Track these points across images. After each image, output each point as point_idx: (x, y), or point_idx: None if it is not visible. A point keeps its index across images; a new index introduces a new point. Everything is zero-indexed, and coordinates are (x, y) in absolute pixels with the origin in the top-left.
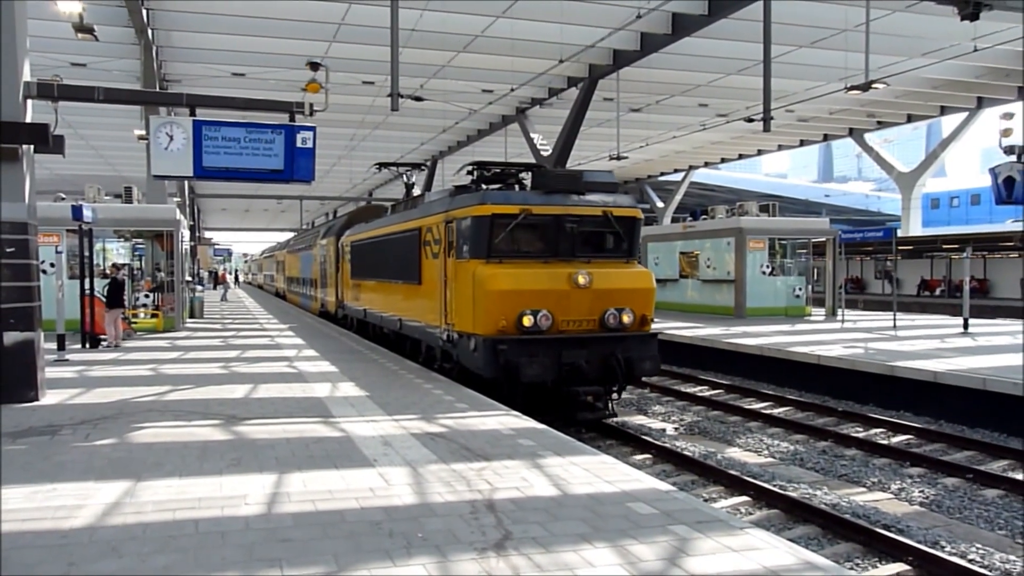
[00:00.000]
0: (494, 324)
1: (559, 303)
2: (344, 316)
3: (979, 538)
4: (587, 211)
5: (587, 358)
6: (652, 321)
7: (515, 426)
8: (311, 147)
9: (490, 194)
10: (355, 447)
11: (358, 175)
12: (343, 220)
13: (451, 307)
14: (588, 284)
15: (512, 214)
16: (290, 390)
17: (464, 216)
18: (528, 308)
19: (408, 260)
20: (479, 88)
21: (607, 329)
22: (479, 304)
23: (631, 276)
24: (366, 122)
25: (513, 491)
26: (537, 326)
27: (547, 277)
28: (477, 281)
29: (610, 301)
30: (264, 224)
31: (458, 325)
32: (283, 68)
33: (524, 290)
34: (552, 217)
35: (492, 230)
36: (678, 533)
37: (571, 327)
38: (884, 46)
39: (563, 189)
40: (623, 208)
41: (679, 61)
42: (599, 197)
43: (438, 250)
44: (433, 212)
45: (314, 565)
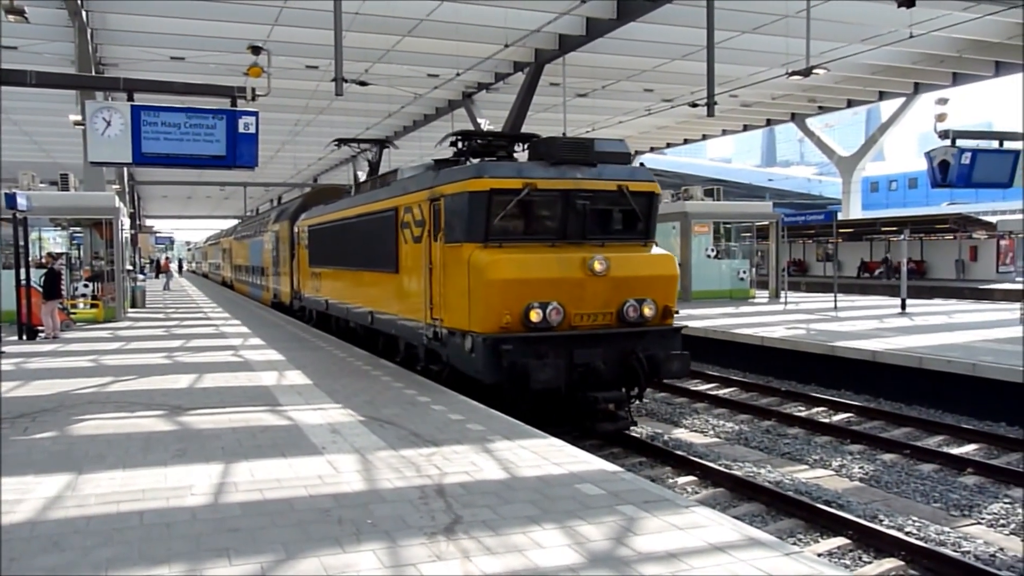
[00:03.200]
0: (495, 320)
1: (572, 294)
2: (301, 308)
3: (915, 511)
4: (600, 185)
5: (603, 357)
6: (676, 313)
7: (465, 412)
8: (254, 132)
9: (487, 166)
10: (303, 435)
11: (303, 161)
12: (297, 203)
13: (439, 300)
14: (605, 271)
15: (514, 189)
16: (236, 379)
17: (455, 192)
18: (536, 300)
19: (381, 245)
20: (424, 73)
21: (625, 323)
22: (477, 296)
23: (652, 261)
24: (310, 107)
25: (463, 475)
26: (546, 321)
27: (557, 263)
28: (474, 269)
29: (629, 291)
30: (207, 211)
31: (448, 321)
32: (224, 52)
33: (531, 279)
34: (560, 193)
35: (490, 208)
36: (625, 513)
37: (585, 322)
38: (824, 32)
39: (571, 160)
40: (640, 182)
41: (625, 46)
42: (612, 169)
43: (420, 233)
44: (412, 189)
45: (263, 554)
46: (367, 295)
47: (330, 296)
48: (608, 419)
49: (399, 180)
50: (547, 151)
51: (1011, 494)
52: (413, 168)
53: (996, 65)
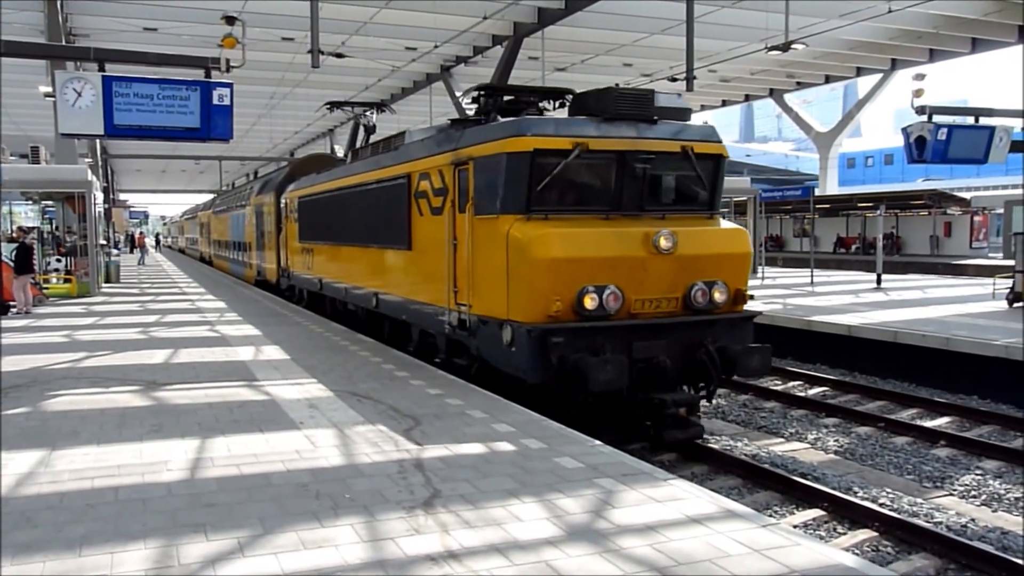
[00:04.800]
0: (542, 307)
1: (632, 276)
2: (290, 287)
3: (889, 483)
4: (662, 146)
5: (667, 351)
6: (751, 298)
7: (444, 386)
8: (228, 104)
9: (529, 121)
10: (280, 410)
11: (279, 134)
12: (283, 173)
13: (466, 282)
14: (672, 249)
15: (562, 150)
16: (212, 354)
17: (489, 154)
18: (591, 283)
19: (389, 218)
20: (402, 46)
21: (692, 310)
22: (519, 279)
23: (723, 237)
24: (286, 80)
25: (442, 450)
26: (603, 308)
27: (616, 239)
28: (515, 246)
29: (697, 272)
30: (182, 185)
31: (479, 307)
32: (197, 23)
33: (586, 258)
34: (615, 155)
35: (533, 172)
36: (604, 486)
37: (646, 309)
38: (803, 7)
39: (628, 115)
40: (707, 142)
41: (604, 20)
42: (674, 127)
43: (440, 203)
44: (430, 153)
45: (240, 529)
46: (371, 275)
47: (325, 275)
48: (678, 426)
49: (411, 143)
50: (598, 104)
51: (983, 466)
52: (424, 130)
53: (972, 42)
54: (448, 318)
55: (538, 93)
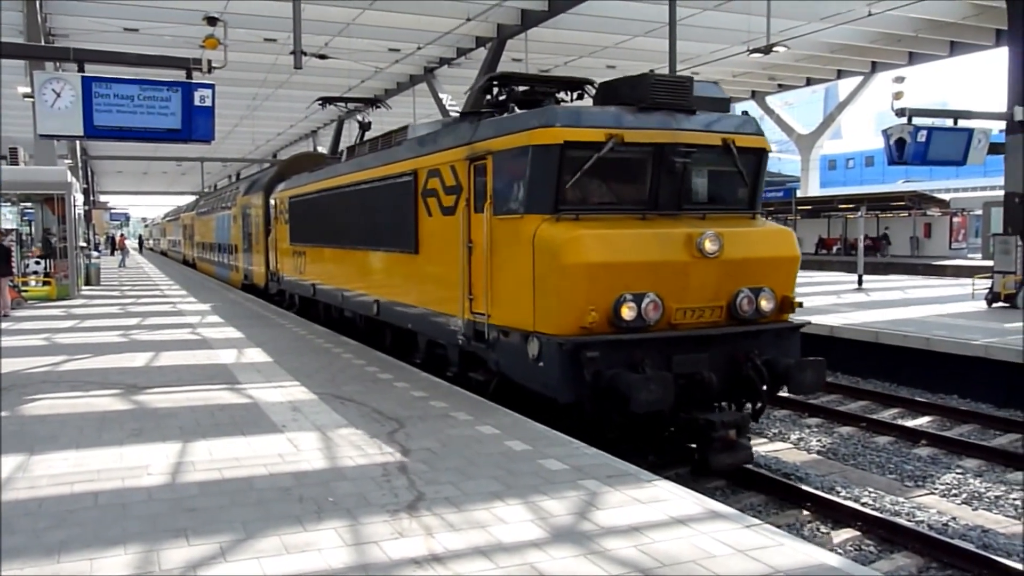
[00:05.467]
0: (574, 318)
1: (673, 282)
2: (280, 292)
3: (871, 482)
4: (702, 138)
5: (710, 365)
6: (799, 306)
7: (427, 388)
8: (210, 105)
9: (559, 110)
10: (263, 413)
11: (261, 136)
12: (272, 172)
13: (484, 289)
14: (717, 252)
15: (594, 142)
16: (194, 357)
17: (512, 148)
18: (628, 291)
19: (393, 219)
20: (385, 47)
21: (737, 320)
22: (547, 286)
23: (769, 238)
24: (269, 81)
25: (425, 452)
26: (642, 319)
27: (655, 242)
28: (544, 249)
29: (744, 277)
30: (164, 187)
31: (499, 317)
32: (179, 23)
33: (625, 263)
34: (653, 148)
35: (563, 168)
36: (588, 488)
37: (687, 319)
38: (784, 10)
39: (665, 104)
40: (749, 135)
41: (587, 22)
42: (713, 118)
43: (453, 202)
44: (440, 147)
45: (222, 534)
46: (371, 280)
47: (319, 279)
48: (727, 450)
49: (417, 137)
50: (632, 92)
51: (963, 464)
52: (430, 123)
53: (951, 45)
54: (462, 328)
55: (556, 83)
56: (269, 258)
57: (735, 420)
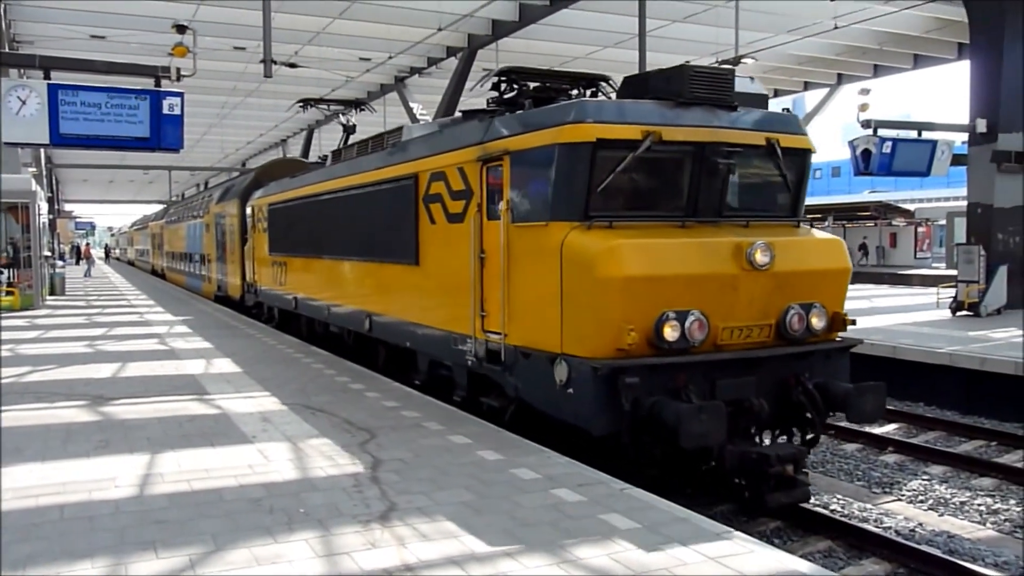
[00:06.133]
0: (611, 338)
1: (720, 298)
2: (257, 304)
3: (840, 489)
4: (745, 138)
5: (758, 390)
6: (852, 323)
7: (400, 398)
8: (179, 114)
9: (591, 105)
10: (232, 424)
11: (230, 144)
12: (248, 178)
13: (499, 305)
14: (769, 264)
15: (630, 140)
16: (161, 368)
17: (533, 147)
18: (671, 308)
19: (390, 227)
20: (356, 56)
21: (786, 339)
22: (579, 302)
23: (819, 249)
24: (238, 89)
25: (397, 463)
26: (685, 339)
27: (701, 252)
28: (574, 260)
29: (794, 292)
30: (130, 196)
31: (518, 336)
32: (147, 31)
33: (668, 276)
34: (693, 147)
35: (595, 169)
36: (561, 497)
37: (734, 339)
38: (752, 22)
39: (706, 99)
40: (794, 135)
41: (557, 33)
42: (756, 116)
43: (461, 208)
44: (446, 148)
45: (191, 546)
46: (363, 293)
47: (302, 292)
48: (782, 487)
49: (418, 138)
50: (669, 86)
51: (929, 471)
52: (425, 126)
53: (914, 58)
54: (472, 348)
55: (569, 79)
56: (245, 268)
57: (792, 454)
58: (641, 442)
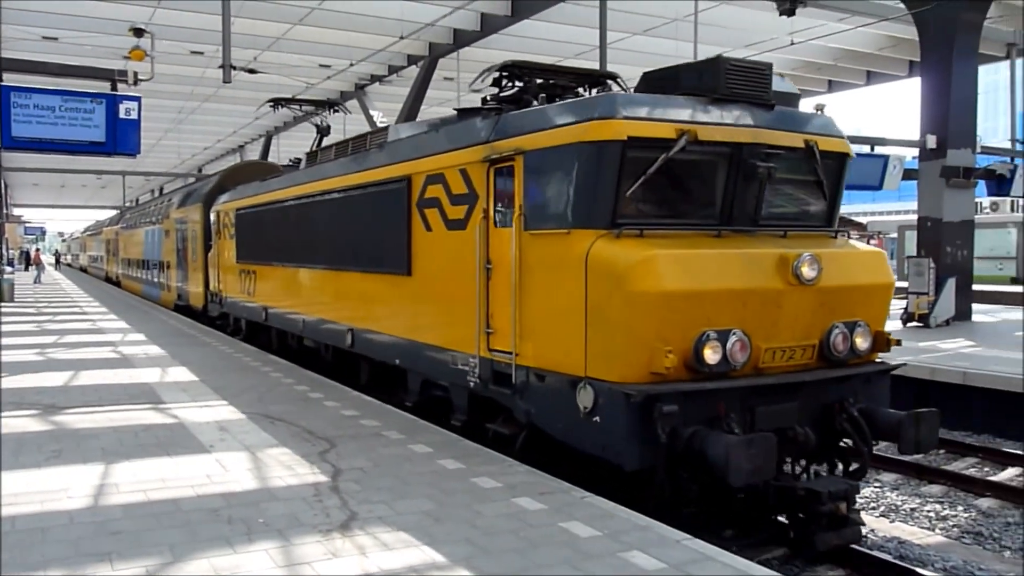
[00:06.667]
0: (646, 360)
1: (763, 315)
2: (223, 315)
3: None
4: (784, 139)
5: (799, 417)
6: (897, 344)
7: (359, 407)
8: (136, 118)
9: (621, 98)
10: (189, 433)
11: (187, 150)
12: (212, 182)
13: (509, 320)
14: (816, 279)
15: (663, 140)
16: (115, 376)
17: (551, 146)
18: (712, 327)
19: (378, 233)
20: (316, 63)
21: (830, 361)
22: (608, 319)
23: (862, 262)
24: (196, 94)
25: (357, 472)
26: (727, 362)
27: (743, 265)
28: (602, 272)
29: (838, 310)
30: (83, 201)
31: (533, 356)
32: (103, 33)
33: (710, 291)
34: (730, 149)
35: (623, 170)
36: (521, 505)
37: (776, 361)
38: (711, 37)
39: (743, 96)
40: (831, 138)
41: (519, 43)
42: (792, 115)
43: (463, 214)
44: (444, 148)
45: (148, 557)
46: (344, 305)
47: (273, 303)
48: (834, 526)
49: (411, 137)
50: (699, 80)
51: (880, 479)
52: (415, 124)
53: (867, 74)
54: (475, 368)
55: (573, 75)
56: (209, 277)
57: (845, 490)
58: (678, 477)
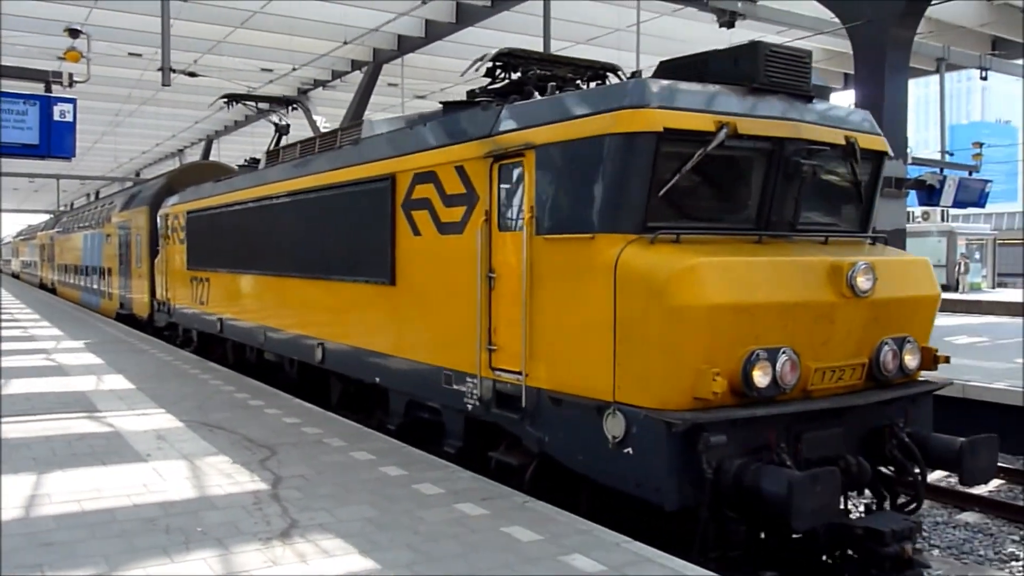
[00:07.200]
0: (688, 383)
1: (814, 331)
2: (171, 325)
3: None
4: (826, 135)
5: (847, 444)
6: (945, 362)
7: (301, 414)
8: (71, 121)
9: (651, 85)
10: (125, 442)
11: (124, 153)
12: (159, 184)
13: (518, 336)
14: (870, 290)
15: (701, 132)
16: (48, 384)
17: (569, 139)
18: (761, 345)
19: (355, 238)
20: (258, 67)
21: (877, 381)
22: (643, 336)
23: (909, 271)
24: (133, 97)
25: (299, 479)
26: (776, 384)
27: (793, 275)
28: (636, 282)
29: (889, 324)
30: (14, 205)
31: (546, 376)
32: (37, 33)
33: (760, 305)
34: (771, 144)
35: (657, 166)
36: (464, 511)
37: (825, 382)
38: (652, 47)
39: (784, 86)
40: (871, 135)
41: (463, 50)
42: (831, 109)
43: (461, 216)
44: (435, 143)
45: (81, 568)
46: (313, 317)
47: (229, 312)
48: (898, 568)
49: (393, 132)
50: (735, 68)
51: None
52: (392, 120)
53: None
54: (475, 389)
55: (572, 66)
56: (156, 284)
57: (909, 528)
58: (724, 518)
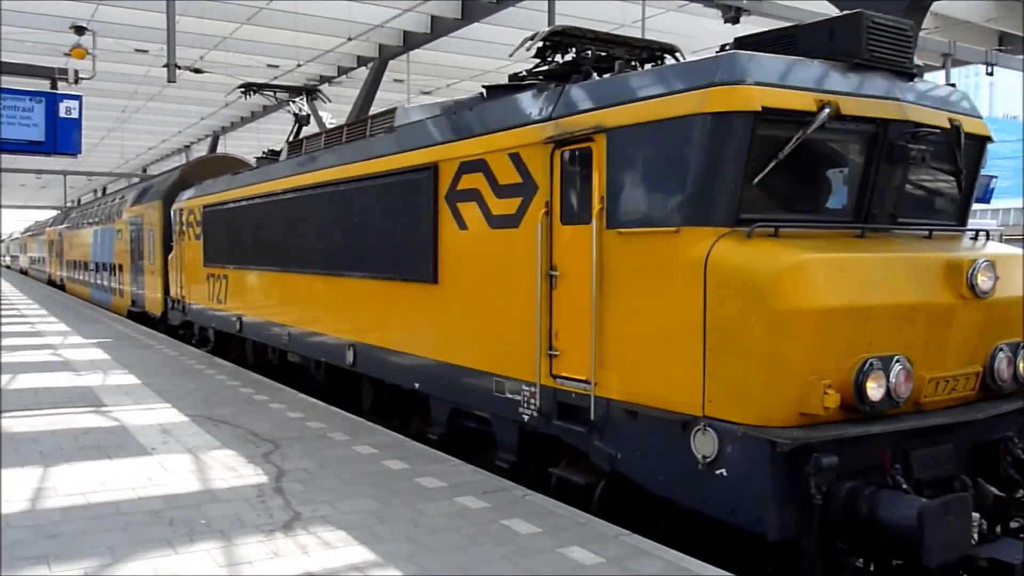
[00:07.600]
0: (795, 397)
1: (928, 337)
2: (186, 324)
3: None
4: (931, 118)
5: (958, 463)
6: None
7: (304, 409)
8: (77, 117)
9: (747, 59)
10: (130, 436)
11: (131, 150)
12: (172, 177)
13: (587, 340)
14: (991, 290)
15: (802, 113)
16: (55, 379)
17: (648, 121)
18: (873, 353)
19: (392, 232)
20: (264, 63)
21: (990, 392)
22: (742, 344)
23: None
24: (139, 93)
25: (302, 473)
26: (890, 397)
27: (909, 273)
28: (732, 281)
29: (1003, 328)
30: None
31: (619, 386)
32: (43, 30)
33: (876, 308)
34: (874, 127)
35: (753, 151)
36: (465, 504)
37: (938, 394)
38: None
39: (887, 63)
40: (974, 118)
41: (468, 46)
42: (932, 89)
43: (515, 208)
44: (484, 129)
45: (87, 559)
46: (343, 317)
47: (249, 311)
48: None
49: (433, 119)
50: (834, 42)
51: None
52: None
53: None
54: (533, 398)
55: (629, 47)
56: (170, 281)
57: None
58: (835, 550)
